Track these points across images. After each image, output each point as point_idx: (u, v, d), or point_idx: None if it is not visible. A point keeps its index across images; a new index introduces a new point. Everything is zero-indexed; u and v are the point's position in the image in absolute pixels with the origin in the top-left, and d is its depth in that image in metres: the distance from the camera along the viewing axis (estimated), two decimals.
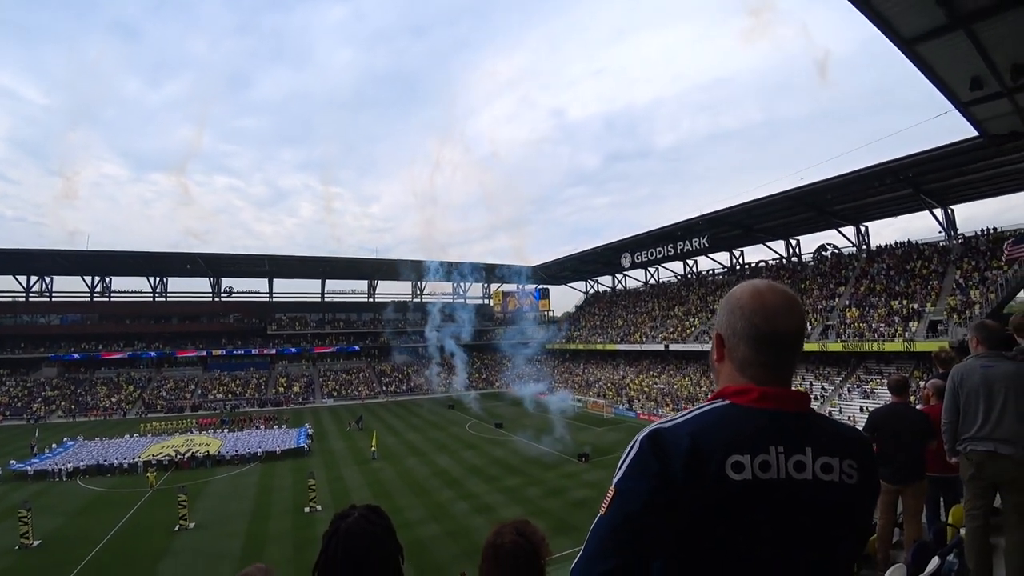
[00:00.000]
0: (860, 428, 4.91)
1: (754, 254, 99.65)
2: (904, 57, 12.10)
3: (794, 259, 46.85)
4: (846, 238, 42.21)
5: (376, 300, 71.28)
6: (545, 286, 74.15)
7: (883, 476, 4.77)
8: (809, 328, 36.99)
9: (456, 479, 27.05)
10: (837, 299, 37.90)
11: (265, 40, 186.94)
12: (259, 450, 33.28)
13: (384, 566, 1.51)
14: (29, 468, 29.90)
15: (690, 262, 56.99)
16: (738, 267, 51.82)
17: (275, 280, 67.58)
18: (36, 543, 19.57)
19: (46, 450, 33.96)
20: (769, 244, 48.10)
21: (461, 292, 76.17)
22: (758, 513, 1.07)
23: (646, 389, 47.21)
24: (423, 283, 70.92)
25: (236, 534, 20.44)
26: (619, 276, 67.57)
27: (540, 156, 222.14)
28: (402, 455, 32.50)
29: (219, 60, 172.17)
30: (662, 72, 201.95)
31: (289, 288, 69.81)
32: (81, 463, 30.70)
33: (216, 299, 65.34)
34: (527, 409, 47.65)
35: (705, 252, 49.90)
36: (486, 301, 77.36)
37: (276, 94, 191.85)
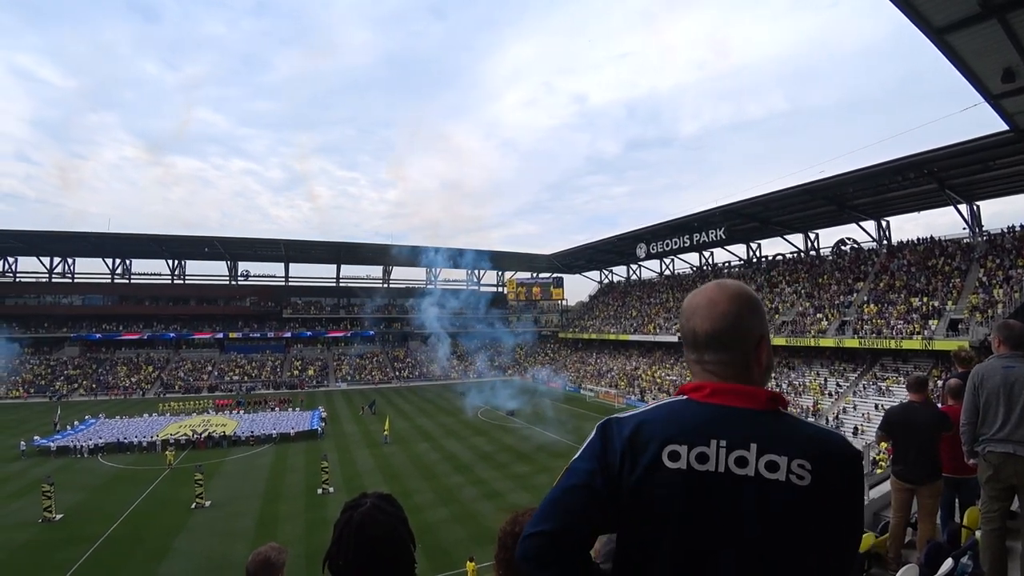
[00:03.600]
0: (877, 427, 4.86)
1: (771, 247, 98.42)
2: (934, 47, 11.78)
3: (812, 253, 46.17)
4: (866, 233, 41.53)
5: (391, 286, 71.66)
6: (559, 275, 73.98)
7: (898, 474, 4.73)
8: (826, 324, 36.54)
9: (466, 464, 27.30)
10: (855, 295, 37.35)
11: (282, 20, 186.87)
12: (274, 432, 33.84)
13: (397, 555, 1.52)
14: (52, 444, 30.75)
15: (706, 254, 56.49)
16: (755, 260, 51.26)
17: (291, 264, 68.09)
18: (59, 517, 20.15)
19: (68, 427, 34.83)
20: (787, 237, 47.44)
21: (475, 280, 76.37)
22: (690, 503, 1.10)
23: (658, 380, 47.10)
24: (437, 270, 71.13)
25: (250, 513, 20.88)
26: (634, 266, 67.18)
27: (559, 143, 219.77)
28: (413, 440, 32.84)
29: (237, 41, 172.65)
30: (687, 57, 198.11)
31: (305, 272, 70.64)
32: (102, 440, 31.50)
33: (233, 282, 66.22)
34: (538, 397, 47.79)
35: (722, 244, 49.37)
36: (500, 289, 77.46)
37: (293, 76, 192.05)
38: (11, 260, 59.10)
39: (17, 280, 59.86)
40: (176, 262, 63.80)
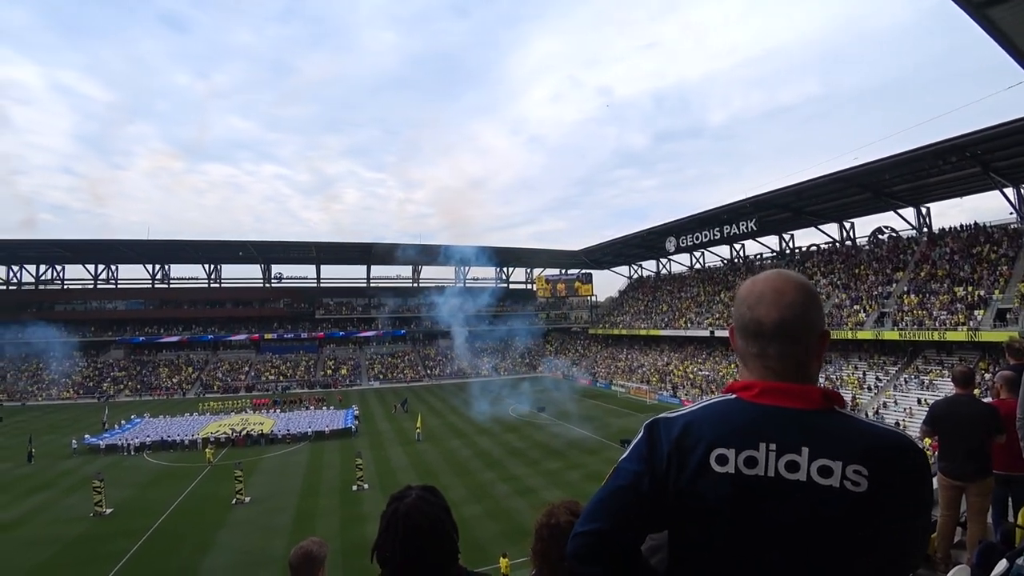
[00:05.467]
0: (921, 421, 4.69)
1: (805, 238, 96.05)
2: (974, 23, 11.29)
3: (848, 243, 44.82)
4: (905, 220, 40.08)
5: (420, 285, 72.32)
6: (588, 271, 73.50)
7: (945, 471, 4.57)
8: (864, 315, 35.48)
9: (497, 461, 27.44)
10: (894, 285, 36.16)
11: (308, 26, 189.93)
12: (309, 430, 34.58)
13: (443, 543, 1.55)
14: (101, 442, 32.11)
15: (737, 246, 55.39)
16: (787, 251, 50.06)
17: (322, 266, 69.41)
18: (108, 511, 21.01)
19: (116, 426, 36.31)
20: (821, 227, 46.14)
21: (504, 277, 76.54)
22: (738, 508, 1.07)
23: (691, 376, 46.45)
24: (466, 268, 71.52)
25: (288, 509, 21.40)
26: (664, 260, 66.35)
27: (586, 137, 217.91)
28: (445, 437, 33.14)
29: (264, 48, 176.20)
30: (715, 43, 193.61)
31: (336, 274, 71.67)
32: (147, 439, 32.73)
33: (267, 285, 67.89)
34: (569, 393, 47.64)
35: (753, 236, 48.31)
36: (529, 286, 77.45)
37: (319, 80, 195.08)
38: (59, 268, 62.22)
39: (65, 287, 63.09)
40: (212, 266, 65.75)
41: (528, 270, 77.47)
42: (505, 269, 76.02)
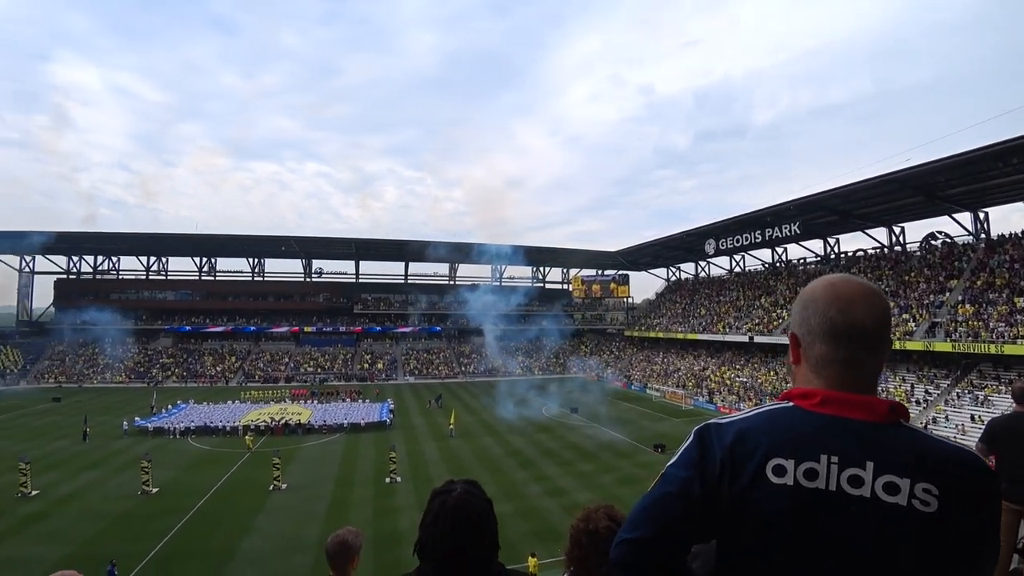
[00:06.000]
0: (976, 439, 4.46)
1: (851, 242, 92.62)
2: None
3: (897, 248, 43.04)
4: (960, 225, 38.25)
5: (456, 283, 72.93)
6: (625, 272, 72.76)
7: (1004, 494, 4.34)
8: (913, 325, 34.03)
9: (530, 460, 27.41)
10: (947, 294, 34.54)
11: (351, 27, 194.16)
12: (345, 422, 35.30)
13: (489, 538, 1.55)
14: (149, 425, 33.59)
15: (779, 250, 53.89)
16: (832, 256, 48.40)
17: (361, 262, 70.77)
18: (155, 490, 21.97)
19: (163, 410, 37.85)
20: (869, 231, 44.44)
21: (540, 277, 76.48)
22: (796, 521, 1.03)
23: (728, 382, 45.43)
24: (502, 267, 71.76)
25: (323, 497, 21.89)
26: (703, 263, 65.11)
27: (626, 136, 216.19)
28: (478, 434, 33.32)
29: (309, 50, 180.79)
30: (760, 40, 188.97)
31: (374, 270, 72.88)
32: (191, 424, 34.08)
33: (307, 279, 69.68)
34: (602, 395, 47.25)
35: (796, 239, 46.93)
36: (565, 286, 77.18)
37: (361, 81, 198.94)
38: (115, 259, 65.76)
39: (120, 277, 66.40)
40: (256, 260, 68.08)
41: (564, 270, 77.25)
42: (541, 269, 76.03)
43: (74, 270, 64.41)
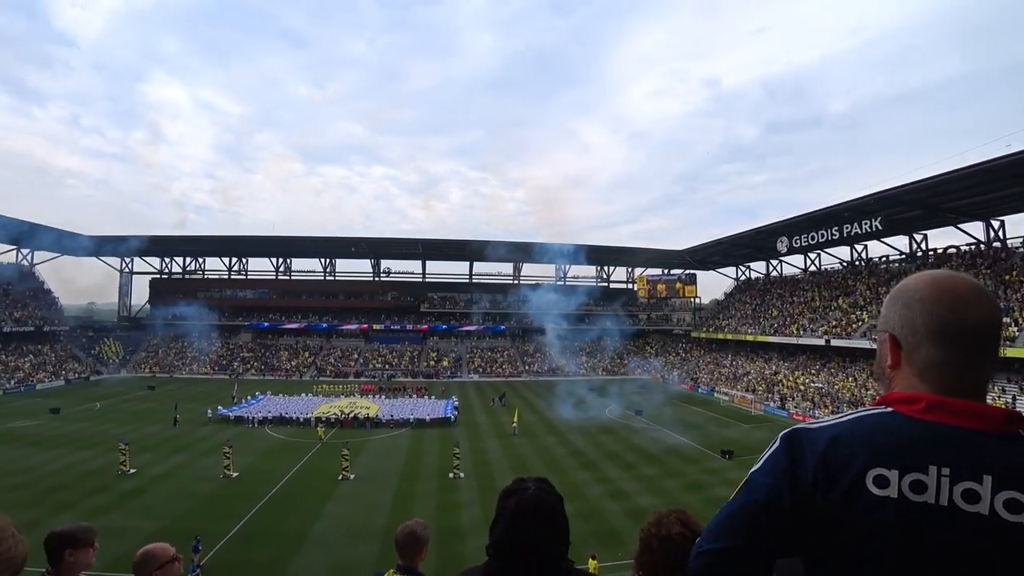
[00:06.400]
0: None
1: (941, 238, 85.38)
2: None
3: (996, 244, 39.22)
4: None
5: (520, 282, 73.24)
6: (692, 271, 70.50)
7: None
8: (1015, 330, 31.02)
9: (592, 461, 27.03)
10: None
11: (414, 33, 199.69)
12: (411, 417, 36.17)
13: (562, 536, 1.55)
14: (230, 414, 35.77)
15: (859, 247, 50.33)
16: (919, 253, 44.79)
17: (427, 262, 72.48)
18: (235, 475, 23.31)
19: (243, 400, 40.13)
20: (961, 226, 40.70)
21: (604, 276, 75.54)
22: (902, 537, 0.91)
23: (801, 387, 43.02)
24: (566, 266, 71.41)
25: (389, 489, 22.49)
26: (774, 262, 62.06)
27: (691, 131, 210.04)
28: (541, 433, 33.22)
29: (375, 57, 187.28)
30: (835, 23, 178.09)
31: (440, 269, 74.37)
32: (268, 414, 35.97)
33: (376, 279, 72.18)
34: (669, 398, 46.02)
35: (877, 236, 43.60)
36: (630, 285, 75.83)
37: (425, 85, 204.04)
38: (201, 260, 71.45)
39: (205, 277, 71.54)
40: (328, 261, 71.33)
41: (629, 269, 75.83)
42: (605, 268, 75.03)
43: (166, 270, 70.33)
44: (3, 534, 0.60)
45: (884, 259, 48.47)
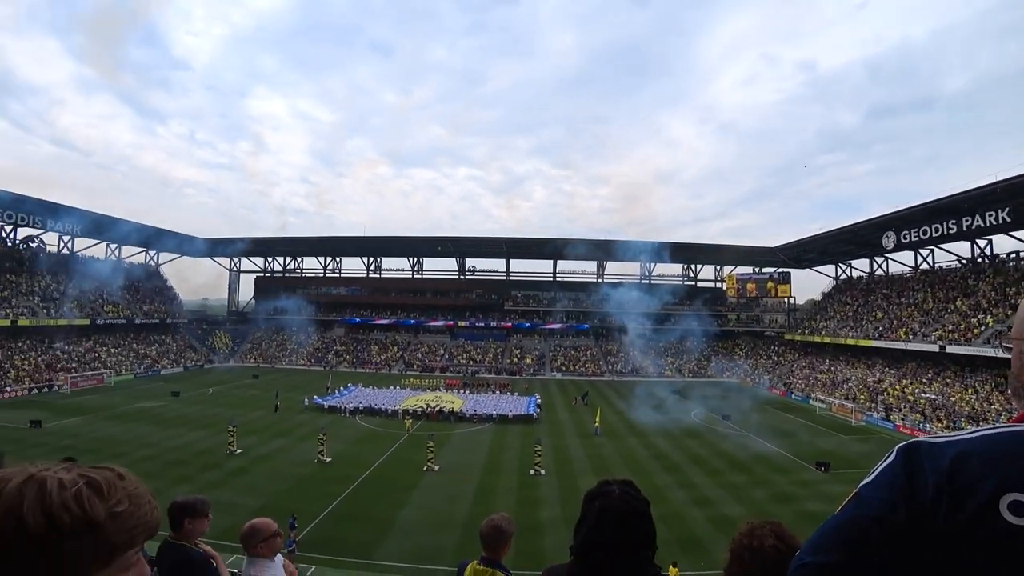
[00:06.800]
0: None
1: None
2: None
3: None
4: None
5: (604, 281, 72.17)
6: (786, 270, 66.09)
7: None
8: None
9: (676, 465, 26.05)
10: None
11: (494, 35, 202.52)
12: (494, 412, 36.61)
13: (647, 541, 1.52)
14: (325, 403, 37.86)
15: (981, 242, 44.79)
16: None
17: (511, 260, 73.27)
18: (328, 460, 24.62)
19: (336, 391, 42.41)
20: None
21: (691, 275, 72.77)
22: None
23: (910, 397, 38.97)
24: (651, 265, 69.52)
25: (471, 481, 22.86)
26: (879, 259, 56.82)
27: (784, 119, 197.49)
28: (623, 434, 32.49)
29: (457, 61, 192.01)
30: None
31: (524, 268, 74.82)
32: (359, 404, 37.75)
33: (461, 277, 73.90)
34: (758, 403, 43.56)
35: (1005, 230, 38.62)
36: (718, 284, 72.57)
37: (506, 85, 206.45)
38: (299, 260, 76.83)
39: (303, 275, 76.60)
40: (415, 259, 73.97)
41: (717, 268, 72.46)
42: (692, 266, 72.20)
43: (269, 269, 76.20)
44: (142, 500, 0.73)
45: (1014, 256, 42.84)
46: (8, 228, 51.04)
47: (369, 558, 15.73)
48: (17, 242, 52.57)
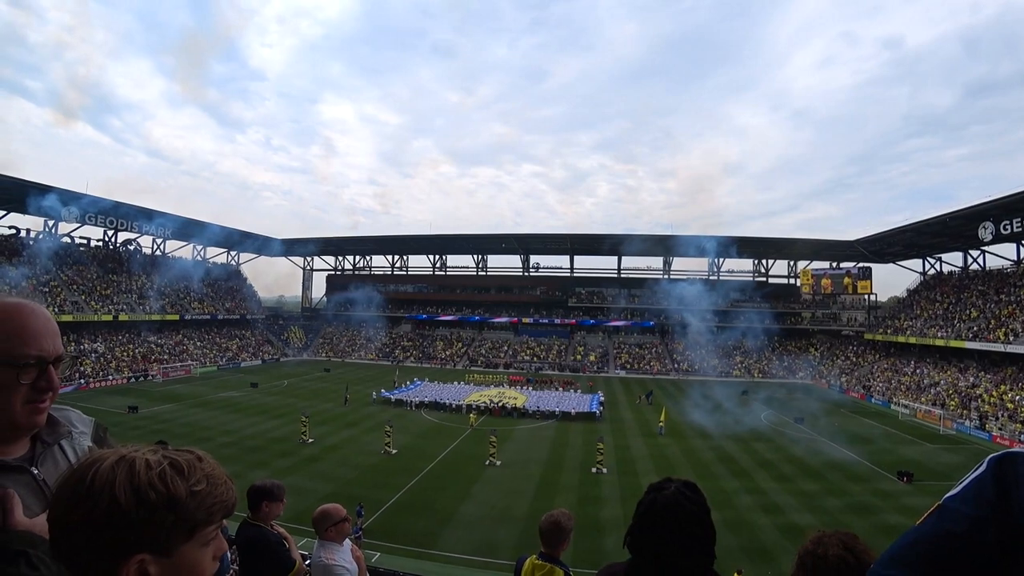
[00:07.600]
0: None
1: None
2: None
3: None
4: None
5: (671, 277, 70.17)
6: (866, 264, 61.70)
7: None
8: None
9: (744, 470, 24.99)
10: None
11: (555, 30, 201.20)
12: (557, 409, 36.52)
13: (700, 544, 1.47)
14: (392, 397, 39.05)
15: None
16: None
17: (575, 257, 72.92)
18: (394, 451, 25.44)
19: (403, 385, 43.61)
20: None
21: (762, 270, 69.55)
22: None
23: (1010, 405, 35.34)
24: (720, 260, 67.01)
25: (532, 477, 22.92)
26: (974, 252, 51.95)
27: (865, 103, 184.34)
28: (688, 435, 31.57)
29: (518, 59, 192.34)
30: None
31: (588, 264, 74.22)
32: (425, 399, 38.72)
33: (525, 273, 74.18)
34: (834, 406, 41.16)
35: None
36: (792, 281, 68.98)
37: (569, 80, 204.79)
38: (368, 258, 79.81)
39: (372, 273, 79.27)
40: (480, 256, 74.93)
41: (790, 263, 68.73)
42: (763, 262, 68.94)
43: (340, 267, 79.81)
44: (218, 480, 0.81)
45: None
46: (111, 233, 56.87)
47: (431, 548, 16.10)
48: (118, 245, 58.37)
